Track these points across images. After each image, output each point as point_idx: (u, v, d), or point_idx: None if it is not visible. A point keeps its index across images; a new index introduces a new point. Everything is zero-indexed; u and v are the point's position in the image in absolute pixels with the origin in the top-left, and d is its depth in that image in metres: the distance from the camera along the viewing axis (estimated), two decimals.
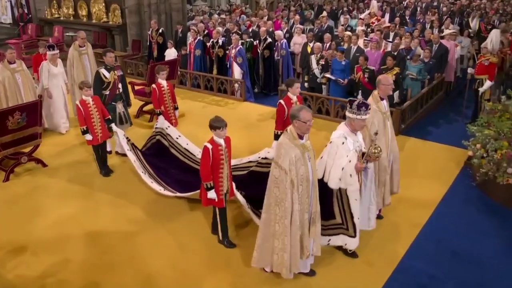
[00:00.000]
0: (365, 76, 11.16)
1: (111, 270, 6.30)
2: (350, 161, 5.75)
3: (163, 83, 9.59)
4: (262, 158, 7.40)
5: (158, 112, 9.42)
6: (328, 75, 11.87)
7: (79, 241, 6.91)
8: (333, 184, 5.89)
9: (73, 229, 7.19)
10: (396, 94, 11.23)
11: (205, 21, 17.35)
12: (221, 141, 6.28)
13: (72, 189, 8.43)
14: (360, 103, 5.69)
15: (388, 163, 6.84)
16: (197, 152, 8.27)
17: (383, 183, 6.83)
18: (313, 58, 12.22)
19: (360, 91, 6.25)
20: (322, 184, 5.89)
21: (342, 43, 13.59)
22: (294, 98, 8.14)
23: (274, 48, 13.93)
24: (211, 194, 6.35)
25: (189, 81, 14.28)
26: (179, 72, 13.39)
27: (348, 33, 14.17)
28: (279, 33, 14.34)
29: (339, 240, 6.26)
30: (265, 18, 17.47)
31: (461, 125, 10.70)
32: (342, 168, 5.77)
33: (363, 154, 5.96)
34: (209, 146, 6.19)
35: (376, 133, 6.01)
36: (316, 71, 12.08)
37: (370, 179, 6.32)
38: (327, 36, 13.71)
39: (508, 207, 7.76)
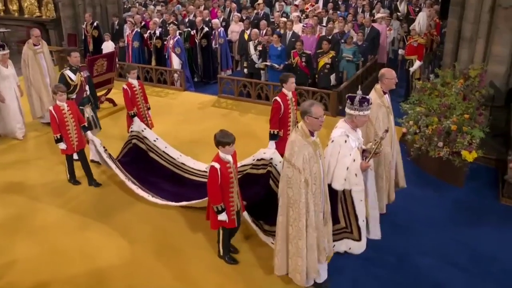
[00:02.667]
0: (302, 60, 11.43)
1: (61, 268, 6.19)
2: (354, 160, 5.41)
3: (134, 82, 8.83)
4: (258, 160, 6.75)
5: (132, 114, 8.68)
6: (265, 63, 12.08)
7: (25, 241, 6.76)
8: (338, 185, 5.49)
9: (18, 228, 7.05)
10: (333, 76, 11.57)
11: (141, 12, 17.18)
12: (229, 158, 5.61)
13: (14, 187, 8.21)
14: (362, 98, 5.37)
15: (392, 158, 6.62)
16: (177, 156, 8.09)
17: (388, 179, 6.59)
18: (251, 45, 12.38)
19: (360, 89, 5.73)
20: (327, 188, 5.50)
21: (278, 29, 13.81)
22: (290, 95, 7.70)
23: (212, 37, 14.01)
24: (222, 217, 5.71)
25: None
26: (117, 65, 13.25)
27: (284, 19, 14.45)
28: (216, 21, 14.43)
29: (343, 245, 5.91)
30: (202, 8, 17.48)
31: (394, 104, 10.96)
32: (347, 168, 5.42)
33: (364, 151, 5.72)
34: (217, 165, 5.50)
35: (387, 131, 5.78)
36: (254, 57, 12.26)
37: (371, 183, 5.96)
38: (263, 23, 13.92)
39: (440, 179, 8.23)
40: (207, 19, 15.05)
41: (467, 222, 7.16)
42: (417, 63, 11.71)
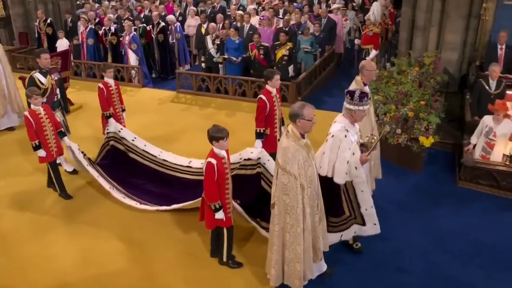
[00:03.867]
0: (260, 53, 11.45)
1: (25, 274, 6.02)
2: (353, 153, 5.42)
3: (111, 81, 8.47)
4: (245, 159, 6.60)
5: (107, 114, 8.36)
6: (223, 56, 12.03)
7: None
8: (340, 179, 5.48)
9: None
10: (291, 68, 11.63)
11: (95, 8, 16.83)
12: (224, 153, 5.53)
13: None
14: (361, 93, 5.36)
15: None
16: (158, 153, 7.85)
17: (371, 170, 6.64)
18: (208, 39, 12.31)
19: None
20: (328, 181, 5.52)
21: (234, 23, 13.77)
22: (274, 91, 7.44)
23: (168, 32, 13.86)
24: (220, 215, 5.59)
25: (84, 71, 13.87)
26: (72, 63, 12.95)
27: (240, 12, 14.40)
28: (171, 17, 14.26)
29: (351, 231, 5.91)
30: (157, 2, 17.25)
31: None
32: (347, 162, 5.42)
33: (361, 145, 5.72)
34: (213, 161, 5.38)
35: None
36: (212, 51, 12.20)
37: (366, 174, 5.95)
38: (219, 16, 13.85)
39: (400, 165, 8.37)
40: (163, 13, 14.89)
41: (427, 206, 7.34)
42: (373, 52, 11.89)
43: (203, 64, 12.72)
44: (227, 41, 12.02)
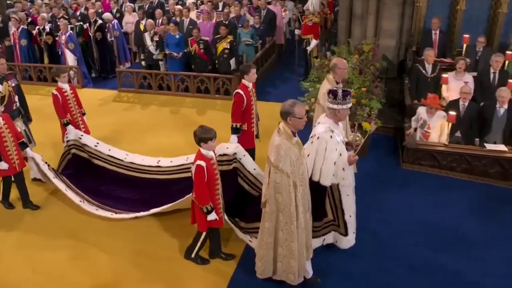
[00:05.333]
0: (200, 47, 11.36)
1: None
2: (340, 154, 5.36)
3: (65, 86, 7.91)
4: (220, 155, 6.36)
5: (65, 122, 7.82)
6: (164, 51, 11.88)
7: None
8: (327, 181, 5.42)
9: None
10: (233, 61, 11.57)
11: (27, 7, 16.23)
12: (212, 154, 5.46)
13: None
14: (344, 92, 5.27)
15: None
16: (124, 156, 7.46)
17: None
18: (146, 36, 12.10)
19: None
20: (314, 185, 5.40)
21: (174, 18, 13.61)
22: (250, 86, 7.24)
23: (106, 30, 13.52)
24: (212, 217, 5.52)
25: (19, 74, 13.31)
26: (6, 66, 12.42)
27: (179, 7, 14.24)
28: (107, 15, 13.86)
29: (331, 237, 5.95)
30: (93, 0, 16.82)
31: (295, 83, 11.41)
32: (334, 163, 5.36)
33: (346, 143, 5.64)
34: (203, 163, 5.28)
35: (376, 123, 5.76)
36: (151, 48, 12.01)
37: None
38: (158, 12, 13.63)
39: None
40: (99, 11, 14.52)
41: (373, 189, 7.49)
42: (314, 42, 12.01)
43: (143, 62, 12.51)
44: (167, 36, 11.85)
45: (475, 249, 6.28)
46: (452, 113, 7.76)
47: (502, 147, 7.80)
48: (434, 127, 8.10)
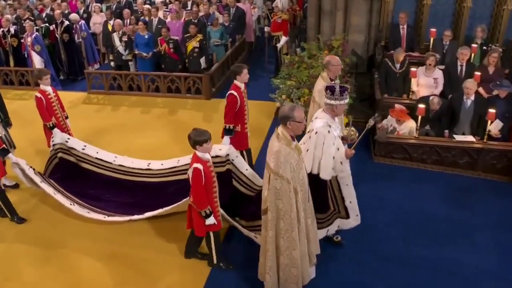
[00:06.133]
0: (170, 47, 11.29)
1: None
2: (338, 148, 5.39)
3: (48, 89, 7.72)
4: (213, 157, 6.10)
5: (50, 125, 7.60)
6: (134, 51, 11.77)
7: None
8: (326, 175, 5.45)
9: None
10: (203, 60, 11.54)
11: None
12: (208, 156, 5.37)
13: None
14: (341, 88, 5.30)
15: None
16: (112, 159, 7.29)
17: None
18: (115, 36, 11.97)
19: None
20: (315, 178, 5.42)
21: (142, 17, 13.47)
22: (243, 86, 7.16)
23: (73, 31, 13.31)
24: (211, 221, 5.43)
25: None
26: None
27: (147, 6, 14.12)
28: (74, 16, 13.64)
29: (335, 226, 5.97)
30: (59, 0, 16.52)
31: (266, 80, 11.39)
32: (333, 157, 5.39)
33: (342, 138, 5.65)
34: (200, 166, 5.19)
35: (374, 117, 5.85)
36: (120, 49, 11.89)
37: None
38: (126, 11, 13.47)
39: None
40: (66, 11, 14.27)
41: None
42: (284, 39, 12.06)
43: (112, 63, 12.37)
44: (136, 36, 11.74)
45: (447, 238, 6.40)
46: (421, 106, 7.88)
47: (470, 138, 7.96)
48: (404, 134, 8.29)
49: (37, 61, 12.45)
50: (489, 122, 7.75)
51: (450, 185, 7.67)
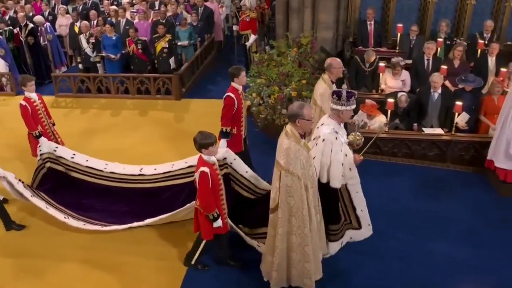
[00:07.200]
0: (139, 47, 11.18)
1: None
2: (346, 155, 5.28)
3: (33, 96, 7.46)
4: None
5: (36, 134, 7.34)
6: (101, 54, 11.63)
7: None
8: (337, 183, 5.32)
9: None
10: (172, 60, 11.48)
11: None
12: (214, 159, 5.33)
13: None
14: (348, 93, 5.17)
15: None
16: (103, 167, 7.04)
17: None
18: (82, 38, 11.80)
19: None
20: (324, 188, 5.32)
21: (109, 18, 13.32)
22: (240, 89, 7.08)
23: (39, 34, 13.07)
24: (218, 223, 5.40)
25: None
26: None
27: (114, 7, 13.95)
28: (39, 18, 13.39)
29: (347, 237, 5.82)
30: (22, 2, 16.19)
31: None
32: (342, 164, 5.29)
33: (348, 144, 5.52)
34: (207, 170, 5.16)
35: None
36: (88, 51, 11.73)
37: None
38: (93, 13, 13.30)
39: None
40: (30, 14, 13.99)
41: None
42: (252, 37, 12.06)
43: (80, 65, 12.18)
44: (104, 38, 11.59)
45: (419, 229, 6.53)
46: (391, 100, 7.97)
47: (438, 131, 8.11)
48: (374, 128, 8.33)
49: (1, 66, 12.18)
50: (456, 114, 7.90)
51: (421, 177, 7.80)
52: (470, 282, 5.70)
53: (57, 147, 7.18)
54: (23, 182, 6.78)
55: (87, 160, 7.11)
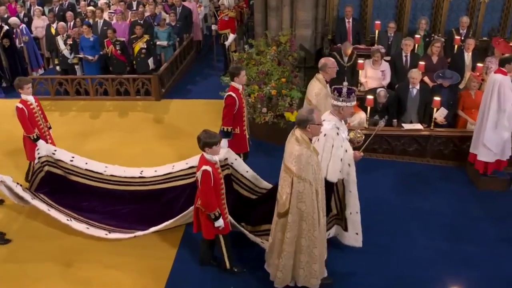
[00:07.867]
0: (117, 48, 11.09)
1: None
2: (346, 150, 5.42)
3: (30, 98, 7.34)
4: None
5: (33, 137, 7.20)
6: (78, 56, 11.51)
7: None
8: (334, 177, 5.43)
9: None
10: (151, 60, 11.41)
11: None
12: (216, 158, 5.35)
13: None
14: (349, 90, 5.28)
15: None
16: (103, 169, 6.92)
17: None
18: (59, 39, 11.66)
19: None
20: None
21: (87, 19, 13.18)
22: (241, 88, 7.00)
23: (14, 36, 12.88)
24: (220, 223, 5.38)
25: None
26: None
27: (91, 8, 13.82)
28: (14, 20, 13.17)
29: (333, 231, 5.95)
30: None
31: (215, 78, 11.37)
32: (341, 159, 5.41)
33: (349, 141, 5.65)
34: (209, 168, 5.18)
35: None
36: (66, 52, 11.59)
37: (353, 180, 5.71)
38: (69, 14, 13.19)
39: (270, 142, 8.53)
40: (5, 16, 13.77)
41: None
42: (231, 36, 12.04)
43: (57, 67, 12.03)
44: (81, 39, 11.47)
45: (400, 224, 6.61)
46: (370, 97, 8.03)
47: (418, 126, 8.18)
48: (354, 126, 8.34)
49: None
50: (434, 109, 7.98)
51: (401, 172, 7.88)
52: (452, 275, 5.74)
53: (55, 150, 7.05)
54: (21, 186, 6.70)
55: (86, 163, 7.00)
